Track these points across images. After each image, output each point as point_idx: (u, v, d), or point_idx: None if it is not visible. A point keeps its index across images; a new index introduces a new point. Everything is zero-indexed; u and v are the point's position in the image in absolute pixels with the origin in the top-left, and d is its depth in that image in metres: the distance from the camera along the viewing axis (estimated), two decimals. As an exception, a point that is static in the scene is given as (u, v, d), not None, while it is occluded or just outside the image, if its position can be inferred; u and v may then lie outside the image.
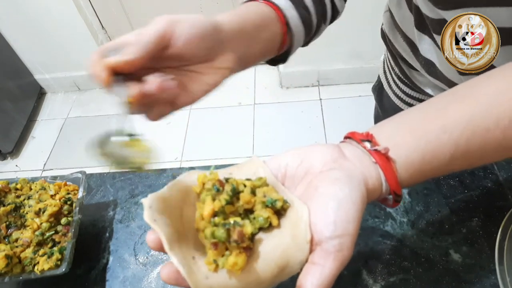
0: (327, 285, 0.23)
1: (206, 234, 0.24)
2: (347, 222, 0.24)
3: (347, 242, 0.23)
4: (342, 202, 0.24)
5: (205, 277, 0.23)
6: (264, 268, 0.24)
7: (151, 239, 0.24)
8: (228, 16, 0.35)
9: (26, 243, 0.44)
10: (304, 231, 0.24)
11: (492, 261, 0.40)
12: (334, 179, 0.25)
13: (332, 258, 0.23)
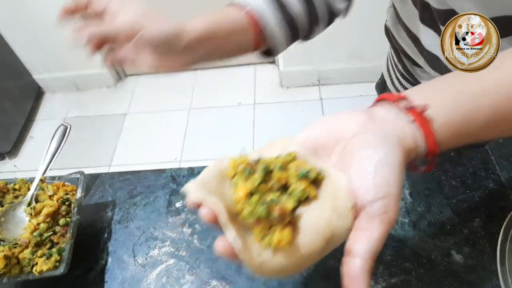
0: (377, 249, 0.23)
1: (246, 213, 0.24)
2: (387, 184, 0.23)
3: (391, 203, 0.23)
4: (379, 165, 0.23)
5: (257, 254, 0.24)
6: (311, 242, 0.24)
7: (205, 212, 0.24)
8: (200, 22, 0.38)
9: (24, 244, 0.44)
10: (345, 199, 0.23)
11: (494, 262, 0.39)
12: (367, 142, 0.25)
13: (379, 221, 0.23)
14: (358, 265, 0.22)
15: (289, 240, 0.23)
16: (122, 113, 1.73)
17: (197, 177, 0.26)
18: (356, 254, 0.22)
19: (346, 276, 0.23)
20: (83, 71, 1.78)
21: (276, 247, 0.23)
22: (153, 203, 0.52)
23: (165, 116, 1.68)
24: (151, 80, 1.86)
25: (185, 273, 0.44)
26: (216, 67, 1.83)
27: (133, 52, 0.35)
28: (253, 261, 0.23)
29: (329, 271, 0.42)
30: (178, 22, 0.37)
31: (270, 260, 0.24)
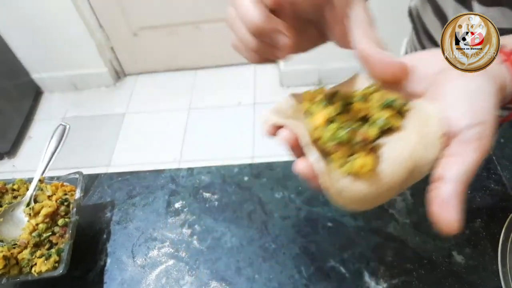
0: (470, 176, 0.21)
1: (326, 138, 0.23)
2: (483, 111, 0.22)
3: (486, 131, 0.22)
4: (475, 93, 0.23)
5: (337, 179, 0.23)
6: (392, 172, 0.23)
7: (285, 134, 0.23)
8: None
9: (23, 244, 0.43)
10: (435, 127, 0.23)
11: (495, 263, 0.39)
12: (460, 73, 0.24)
13: (473, 147, 0.22)
14: (450, 189, 0.21)
15: (371, 167, 0.22)
16: (121, 113, 1.72)
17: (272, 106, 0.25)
18: (448, 178, 0.21)
19: (436, 201, 0.22)
20: (81, 70, 1.77)
21: (357, 173, 0.23)
22: (152, 203, 0.51)
23: (164, 116, 1.68)
24: (150, 79, 1.85)
25: (185, 274, 0.44)
26: (216, 67, 1.83)
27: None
28: (333, 186, 0.23)
29: (329, 271, 0.42)
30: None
31: (349, 187, 0.23)
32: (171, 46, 1.76)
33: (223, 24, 1.69)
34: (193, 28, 1.69)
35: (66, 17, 1.55)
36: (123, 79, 1.87)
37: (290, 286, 0.42)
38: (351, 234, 0.45)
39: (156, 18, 1.66)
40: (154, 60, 1.83)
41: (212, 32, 1.70)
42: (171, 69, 1.85)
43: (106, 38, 1.74)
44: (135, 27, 1.70)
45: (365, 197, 0.23)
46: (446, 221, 0.21)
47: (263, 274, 0.43)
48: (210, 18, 1.65)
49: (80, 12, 1.56)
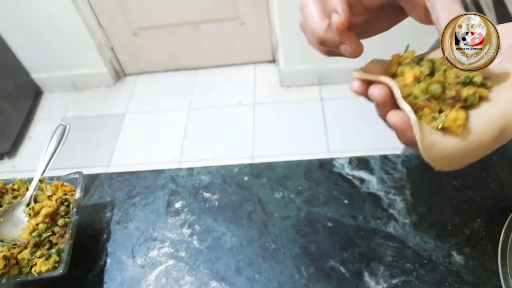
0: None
1: (418, 91, 0.24)
2: None
3: None
4: None
5: (429, 132, 0.23)
6: (484, 129, 0.23)
7: (377, 90, 0.24)
8: None
9: (23, 244, 0.43)
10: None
11: (495, 263, 0.39)
12: None
13: None
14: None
15: (463, 122, 0.23)
16: (121, 113, 1.72)
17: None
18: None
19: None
20: (82, 70, 1.77)
21: (449, 127, 0.23)
22: (152, 203, 0.51)
23: (165, 116, 1.68)
24: (150, 79, 1.85)
25: (185, 274, 0.44)
26: (216, 67, 1.83)
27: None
28: (425, 138, 0.23)
29: (329, 271, 0.42)
30: None
31: (441, 140, 0.23)
32: (171, 46, 1.76)
33: (223, 24, 1.69)
34: (193, 28, 1.69)
35: (66, 17, 1.55)
36: (123, 79, 1.87)
37: (290, 286, 0.42)
38: (351, 234, 0.45)
39: (156, 18, 1.66)
40: (154, 60, 1.83)
41: (212, 32, 1.70)
42: (171, 69, 1.85)
43: (106, 38, 1.74)
44: (135, 27, 1.70)
45: (455, 152, 0.23)
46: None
47: (263, 274, 0.43)
48: (210, 18, 1.65)
49: (80, 12, 1.56)
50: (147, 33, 1.72)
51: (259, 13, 1.63)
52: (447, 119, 0.23)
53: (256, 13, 1.63)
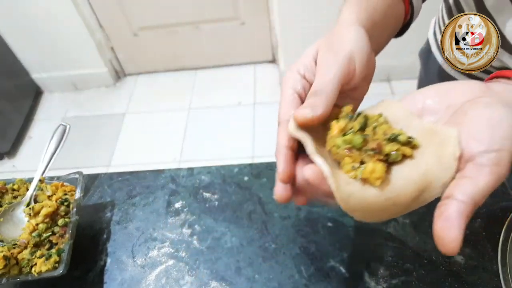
0: (479, 199, 0.21)
1: (339, 141, 0.24)
2: (503, 139, 0.22)
3: (504, 158, 0.22)
4: (496, 121, 0.23)
5: (346, 182, 0.23)
6: (403, 187, 0.23)
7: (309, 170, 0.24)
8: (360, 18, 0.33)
9: (23, 244, 0.43)
10: (452, 148, 0.23)
11: (495, 263, 0.39)
12: (486, 103, 0.24)
13: (488, 171, 0.21)
14: (456, 207, 0.21)
15: (381, 175, 0.23)
16: (121, 113, 1.72)
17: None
18: (457, 197, 0.21)
19: (440, 218, 0.21)
20: (81, 70, 1.77)
21: (367, 178, 0.23)
22: (152, 203, 0.51)
23: (164, 116, 1.68)
24: (150, 79, 1.85)
25: (185, 274, 0.44)
26: (216, 67, 1.83)
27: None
28: (341, 189, 0.23)
29: (329, 271, 0.42)
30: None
31: (358, 191, 0.23)
32: (171, 46, 1.76)
33: (223, 24, 1.69)
34: (193, 28, 1.69)
35: (66, 17, 1.55)
36: (123, 79, 1.87)
37: (290, 286, 0.42)
38: (351, 234, 0.45)
39: (156, 18, 1.66)
40: (154, 60, 1.83)
41: (212, 32, 1.70)
42: (171, 69, 1.85)
43: (106, 38, 1.74)
44: (135, 27, 1.70)
45: (372, 205, 0.23)
46: (447, 240, 0.21)
47: (263, 274, 0.43)
48: (210, 18, 1.65)
49: (80, 12, 1.56)
50: (147, 33, 1.72)
51: (259, 13, 1.63)
52: (365, 170, 0.23)
53: (256, 13, 1.63)
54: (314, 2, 1.36)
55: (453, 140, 0.23)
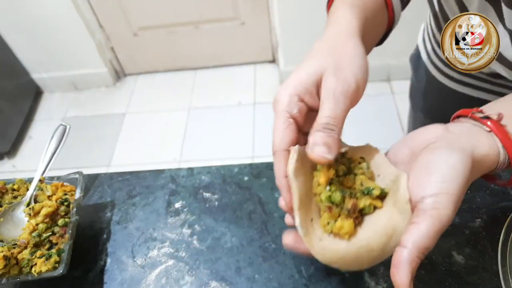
0: (424, 244, 0.23)
1: (322, 198, 0.26)
2: (442, 182, 0.24)
3: (443, 201, 0.23)
4: (437, 164, 0.24)
5: (319, 238, 0.26)
6: (373, 236, 0.25)
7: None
8: (359, 26, 0.33)
9: (23, 244, 0.43)
10: (402, 192, 0.25)
11: (495, 263, 0.39)
12: (432, 148, 0.26)
13: (428, 215, 0.23)
14: (403, 254, 0.23)
15: (350, 231, 0.25)
16: (121, 113, 1.72)
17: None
18: (404, 244, 0.23)
19: (392, 264, 0.24)
20: (82, 70, 1.77)
21: (336, 233, 0.26)
22: (152, 203, 0.51)
23: (164, 116, 1.68)
24: (150, 79, 1.86)
25: (185, 274, 0.44)
26: (216, 67, 1.83)
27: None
28: (315, 246, 0.25)
29: (329, 271, 0.42)
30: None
31: (330, 245, 0.25)
32: (171, 46, 1.76)
33: (223, 24, 1.69)
34: (193, 28, 1.69)
35: (66, 17, 1.55)
36: (123, 79, 1.87)
37: (290, 286, 0.42)
38: (351, 234, 0.45)
39: (156, 18, 1.66)
40: (154, 60, 1.83)
41: (212, 32, 1.70)
42: (171, 69, 1.85)
43: (106, 38, 1.74)
44: (135, 27, 1.70)
45: (346, 256, 0.25)
46: (396, 284, 0.23)
47: (263, 274, 0.43)
48: (210, 18, 1.65)
49: (80, 12, 1.56)
50: (147, 33, 1.72)
51: (259, 13, 1.63)
52: (335, 227, 0.26)
53: (256, 13, 1.63)
54: (314, 2, 1.36)
55: (403, 184, 0.25)
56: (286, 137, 0.27)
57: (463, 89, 0.51)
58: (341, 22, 0.33)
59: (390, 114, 1.54)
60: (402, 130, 1.51)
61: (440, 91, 0.55)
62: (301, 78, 0.28)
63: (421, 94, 0.62)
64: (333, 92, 0.27)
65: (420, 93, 0.62)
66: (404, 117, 1.49)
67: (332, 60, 0.29)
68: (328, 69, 0.28)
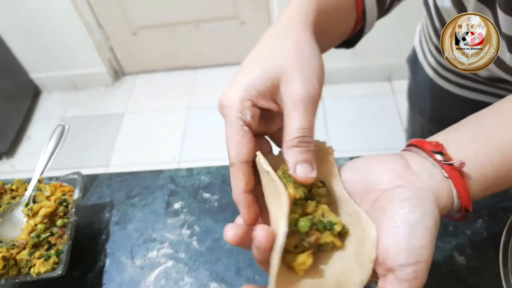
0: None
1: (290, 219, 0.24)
2: (420, 248, 0.22)
3: (421, 270, 0.22)
4: (414, 227, 0.23)
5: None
6: (325, 280, 0.24)
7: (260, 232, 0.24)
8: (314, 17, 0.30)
9: (21, 245, 0.43)
10: (370, 249, 0.23)
11: (497, 263, 0.39)
12: (403, 199, 0.24)
13: (406, 286, 0.22)
14: None
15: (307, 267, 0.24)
16: (120, 113, 1.72)
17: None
18: None
19: None
20: (80, 70, 1.77)
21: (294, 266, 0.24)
22: (152, 204, 0.51)
23: (164, 116, 1.68)
24: (149, 79, 1.85)
25: (184, 275, 0.44)
26: (215, 66, 1.83)
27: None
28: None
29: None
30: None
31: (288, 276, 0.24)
32: (170, 45, 1.76)
33: (223, 23, 1.69)
34: (192, 27, 1.69)
35: (65, 17, 1.55)
36: (122, 78, 1.87)
37: (290, 287, 0.42)
38: (351, 235, 0.44)
39: (155, 17, 1.65)
40: (154, 60, 1.83)
41: (211, 31, 1.70)
42: (171, 68, 1.85)
43: (105, 37, 1.73)
44: (134, 27, 1.69)
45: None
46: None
47: (264, 275, 0.43)
48: (210, 17, 1.65)
49: (79, 12, 1.56)
50: (146, 32, 1.71)
51: (259, 12, 1.62)
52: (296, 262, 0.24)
53: (256, 12, 1.63)
54: (313, 2, 1.36)
55: (371, 241, 0.23)
56: (243, 148, 0.25)
57: (459, 91, 0.51)
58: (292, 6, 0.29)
59: (391, 114, 1.53)
60: (402, 130, 1.51)
61: (437, 93, 0.54)
62: (252, 80, 0.25)
63: (418, 95, 0.62)
64: (301, 100, 0.24)
65: (418, 94, 0.62)
66: (405, 117, 1.50)
67: (290, 60, 0.26)
68: (288, 71, 0.25)
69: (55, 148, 0.50)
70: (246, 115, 0.25)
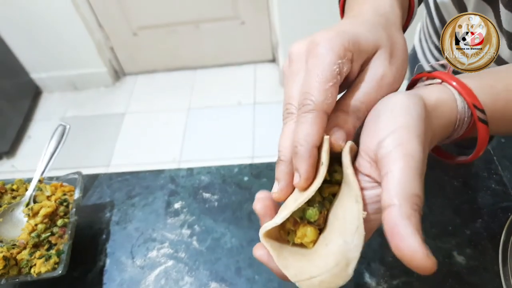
0: (408, 189, 0.18)
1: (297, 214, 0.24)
2: (394, 117, 0.20)
3: (403, 135, 0.19)
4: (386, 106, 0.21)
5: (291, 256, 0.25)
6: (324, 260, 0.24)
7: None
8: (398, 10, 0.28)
9: (22, 245, 0.43)
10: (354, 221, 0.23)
11: (496, 263, 0.39)
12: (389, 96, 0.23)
13: (394, 157, 0.19)
14: (393, 214, 0.18)
15: (313, 238, 0.24)
16: (121, 113, 1.72)
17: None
18: (387, 204, 0.18)
19: (388, 236, 0.18)
20: (81, 70, 1.77)
21: (303, 243, 0.24)
22: (152, 204, 0.51)
23: (164, 116, 1.68)
24: (150, 79, 1.85)
25: (184, 274, 0.44)
26: (216, 66, 1.83)
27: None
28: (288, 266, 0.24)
29: (330, 272, 0.42)
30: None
31: (302, 267, 0.24)
32: (170, 46, 1.76)
33: (223, 24, 1.69)
34: (193, 28, 1.69)
35: (66, 17, 1.55)
36: (122, 78, 1.87)
37: (290, 287, 0.42)
38: (351, 235, 0.44)
39: (156, 18, 1.66)
40: (154, 60, 1.83)
41: (212, 32, 1.70)
42: (171, 68, 1.85)
43: (105, 37, 1.73)
44: (134, 27, 1.70)
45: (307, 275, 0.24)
46: (408, 256, 0.17)
47: (263, 275, 0.43)
48: (210, 17, 1.65)
49: (80, 12, 1.56)
50: (146, 33, 1.71)
51: (259, 13, 1.62)
52: (297, 236, 0.24)
53: (256, 13, 1.63)
54: (314, 2, 1.35)
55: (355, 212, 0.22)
56: (331, 97, 0.21)
57: None
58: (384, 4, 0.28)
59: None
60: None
61: None
62: (357, 34, 0.23)
63: None
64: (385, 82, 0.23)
65: None
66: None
67: (388, 40, 0.24)
68: (384, 49, 0.23)
69: (56, 148, 0.50)
70: (344, 65, 0.22)
